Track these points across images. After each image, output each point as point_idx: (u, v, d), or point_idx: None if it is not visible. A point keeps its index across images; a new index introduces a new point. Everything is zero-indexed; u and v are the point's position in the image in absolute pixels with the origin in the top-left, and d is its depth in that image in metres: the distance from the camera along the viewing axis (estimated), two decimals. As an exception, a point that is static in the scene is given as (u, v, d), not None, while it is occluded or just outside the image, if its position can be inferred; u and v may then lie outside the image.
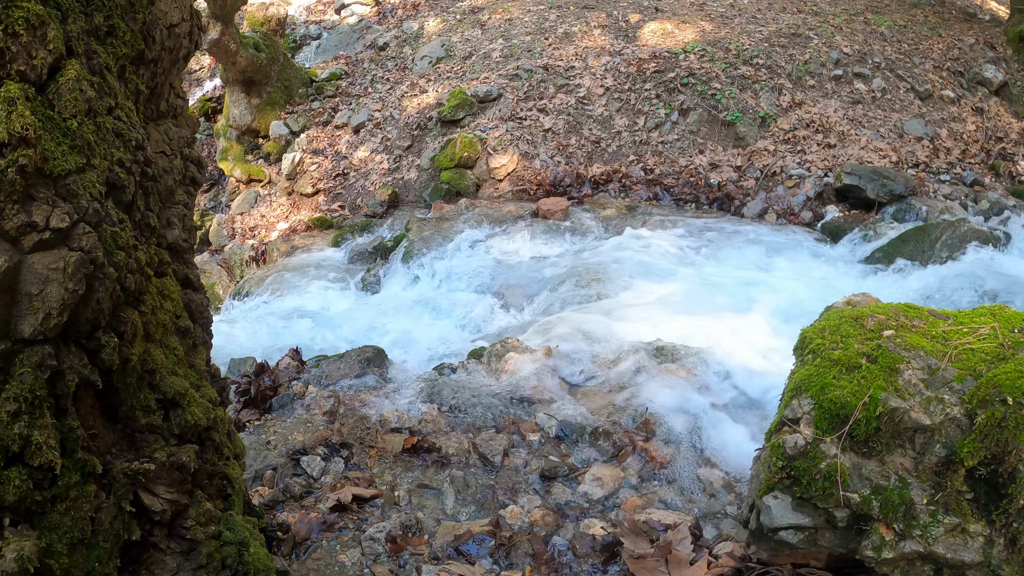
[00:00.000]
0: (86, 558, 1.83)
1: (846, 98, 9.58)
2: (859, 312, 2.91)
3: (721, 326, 5.28)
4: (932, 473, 2.50)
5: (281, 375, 4.68)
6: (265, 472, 3.64)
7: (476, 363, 4.82)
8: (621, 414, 4.15)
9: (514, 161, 9.04)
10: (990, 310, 2.96)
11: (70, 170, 1.72)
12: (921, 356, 2.65)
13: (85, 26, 1.89)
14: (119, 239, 1.86)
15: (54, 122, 1.71)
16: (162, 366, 2.09)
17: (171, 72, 2.49)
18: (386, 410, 4.18)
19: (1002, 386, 2.44)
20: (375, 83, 11.08)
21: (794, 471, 2.57)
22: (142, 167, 2.03)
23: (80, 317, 1.77)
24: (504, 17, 11.67)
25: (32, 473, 1.69)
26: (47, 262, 1.68)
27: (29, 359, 1.68)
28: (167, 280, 2.27)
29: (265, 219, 9.78)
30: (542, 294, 6.30)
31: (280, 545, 3.02)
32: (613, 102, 9.61)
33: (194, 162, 2.66)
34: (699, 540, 3.14)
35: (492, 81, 10.06)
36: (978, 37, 10.75)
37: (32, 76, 1.69)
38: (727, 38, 10.30)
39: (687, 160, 8.96)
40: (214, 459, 2.32)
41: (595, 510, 3.49)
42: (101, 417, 1.95)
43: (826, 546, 2.60)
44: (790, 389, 2.75)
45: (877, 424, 2.50)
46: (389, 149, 9.78)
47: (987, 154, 9.14)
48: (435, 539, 3.21)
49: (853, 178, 8.12)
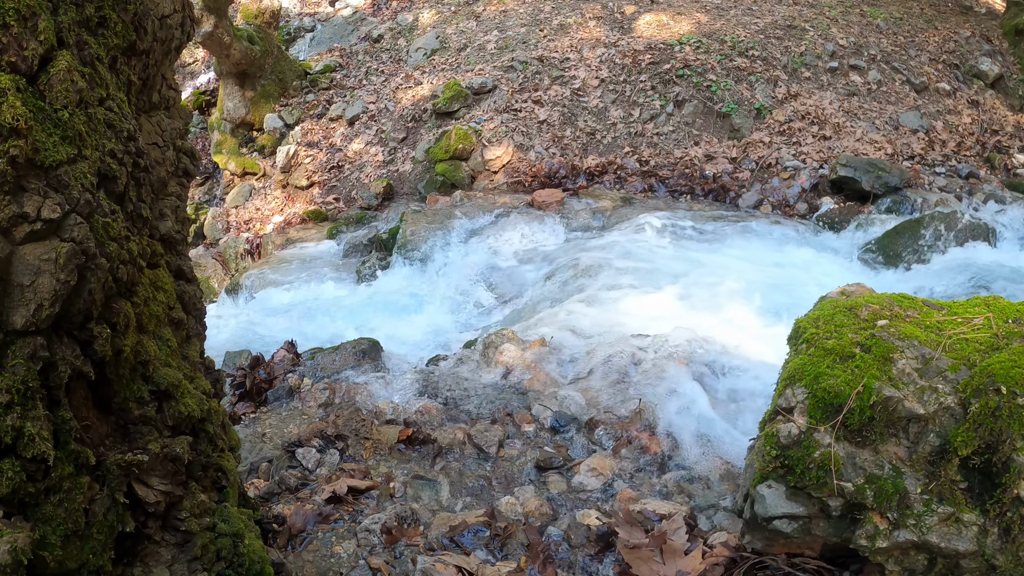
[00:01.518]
0: (80, 550, 1.83)
1: (841, 90, 9.58)
2: (853, 302, 2.91)
3: (715, 316, 5.29)
4: (926, 462, 2.51)
5: (276, 368, 4.68)
6: (261, 464, 3.64)
7: (471, 354, 4.82)
8: (616, 405, 4.15)
9: (509, 153, 9.03)
10: (984, 300, 2.96)
11: (61, 161, 1.72)
12: (915, 346, 2.65)
13: (76, 17, 1.89)
14: (111, 230, 1.85)
15: (45, 113, 1.71)
16: (155, 357, 2.09)
17: (163, 63, 2.48)
18: (381, 402, 4.18)
19: (996, 375, 2.44)
20: (370, 75, 11.05)
21: (788, 460, 2.57)
22: (134, 158, 2.03)
23: (72, 308, 1.76)
24: (499, 8, 11.64)
25: (25, 465, 1.69)
26: (39, 253, 1.68)
27: (21, 350, 1.68)
28: (160, 271, 2.26)
29: (260, 212, 9.77)
30: (537, 285, 6.30)
31: (276, 537, 3.02)
32: (608, 94, 9.60)
33: (187, 153, 2.65)
34: (694, 530, 3.14)
35: (487, 73, 10.05)
36: (974, 30, 10.74)
37: (23, 67, 1.68)
38: (723, 30, 10.29)
39: (682, 152, 8.96)
40: (208, 450, 2.32)
41: (590, 501, 3.49)
42: (94, 408, 1.94)
43: (820, 535, 2.61)
44: (784, 378, 2.75)
45: (871, 413, 2.51)
46: (384, 141, 9.77)
47: (982, 147, 9.14)
48: (430, 530, 3.21)
49: (848, 170, 8.12)
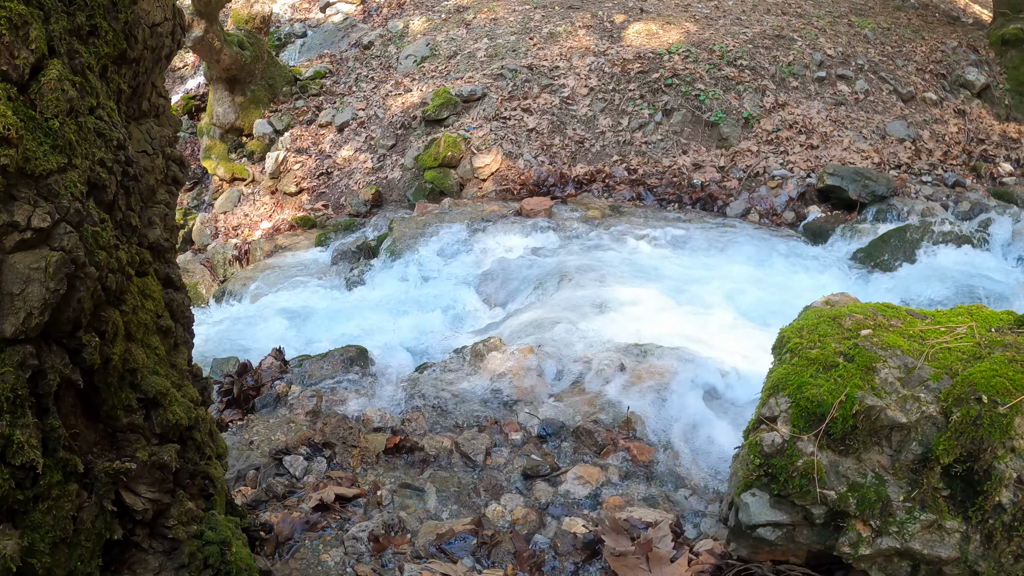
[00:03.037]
0: (68, 557, 1.83)
1: (829, 99, 9.64)
2: (837, 311, 2.94)
3: (703, 325, 5.31)
4: (909, 470, 2.54)
5: (264, 375, 4.68)
6: (248, 472, 3.64)
7: (458, 362, 4.83)
8: (603, 413, 4.17)
9: (498, 161, 9.05)
10: (967, 309, 3.00)
11: (52, 170, 1.73)
12: (898, 355, 2.68)
13: (67, 26, 1.90)
14: (100, 239, 1.86)
15: (36, 122, 1.72)
16: (143, 365, 2.10)
17: (153, 71, 2.50)
18: (369, 409, 4.19)
19: (977, 385, 2.47)
20: (360, 82, 11.07)
21: (771, 469, 2.59)
22: (123, 167, 2.04)
23: (61, 317, 1.77)
24: (489, 17, 11.68)
25: (14, 472, 1.70)
26: (28, 262, 1.69)
27: (11, 359, 1.68)
28: (148, 280, 2.27)
29: (248, 218, 9.76)
30: (525, 293, 6.32)
31: (263, 545, 3.02)
32: (597, 102, 9.64)
33: (176, 161, 2.66)
34: (680, 538, 3.17)
35: (477, 81, 10.08)
36: (961, 40, 10.84)
37: (14, 76, 1.70)
38: (711, 39, 10.35)
39: (670, 160, 9.00)
40: (196, 458, 2.33)
41: (577, 508, 3.51)
42: (83, 416, 1.95)
43: (804, 543, 2.63)
44: (768, 388, 2.78)
45: (854, 422, 2.53)
46: (373, 148, 9.78)
47: (969, 156, 9.22)
48: (418, 538, 3.22)
49: (835, 179, 8.18)
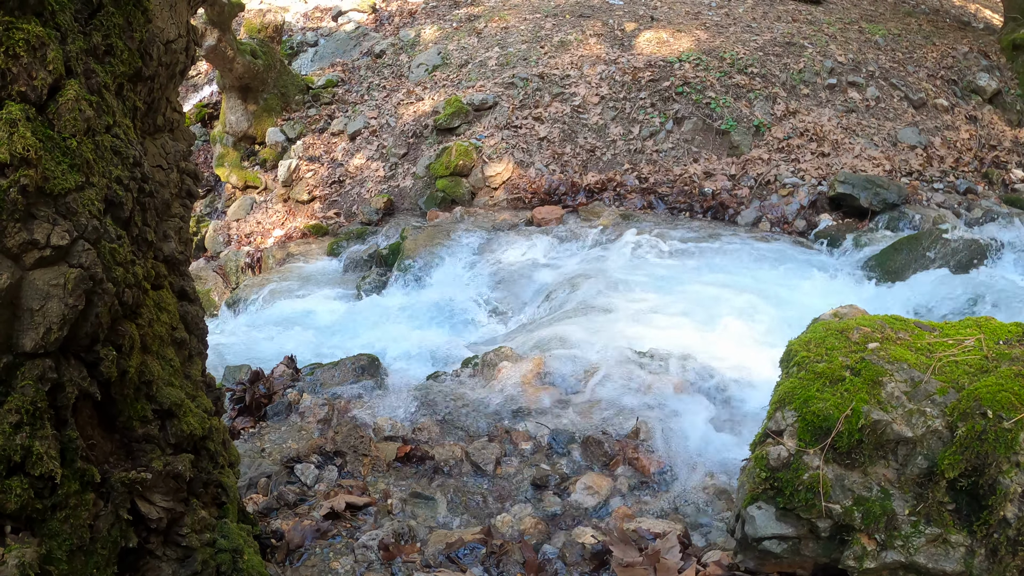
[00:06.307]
0: (85, 564, 1.87)
1: (840, 107, 9.64)
2: (845, 324, 2.95)
3: (714, 334, 5.33)
4: (914, 484, 2.55)
5: (276, 383, 4.72)
6: (259, 480, 3.68)
7: (469, 372, 4.86)
8: (612, 423, 4.19)
9: (509, 169, 9.09)
10: (976, 322, 3.00)
11: (70, 188, 1.77)
12: (904, 369, 2.70)
13: (84, 46, 1.94)
14: (117, 255, 1.90)
15: (54, 141, 1.76)
16: (159, 377, 2.14)
17: (168, 87, 2.54)
18: (380, 418, 4.22)
19: (982, 399, 2.48)
20: (371, 90, 11.13)
21: (777, 482, 2.61)
22: (139, 183, 2.08)
23: (80, 331, 1.81)
24: (500, 25, 11.73)
25: (33, 482, 1.74)
26: (48, 278, 1.73)
27: (30, 372, 1.73)
28: (163, 292, 2.31)
29: (261, 226, 9.82)
30: (536, 302, 6.35)
31: (274, 552, 3.06)
32: (608, 111, 9.66)
33: (190, 175, 2.71)
34: (688, 549, 3.18)
35: (488, 89, 10.12)
36: (972, 45, 10.82)
37: (32, 96, 1.74)
38: (722, 47, 10.37)
39: (681, 169, 9.02)
40: (209, 468, 2.37)
41: (586, 518, 3.53)
42: (99, 427, 1.99)
43: (809, 556, 2.65)
44: (774, 401, 2.79)
45: (859, 436, 2.55)
46: (385, 157, 9.83)
47: (980, 162, 9.20)
48: (427, 547, 3.25)
49: (847, 187, 8.18)
